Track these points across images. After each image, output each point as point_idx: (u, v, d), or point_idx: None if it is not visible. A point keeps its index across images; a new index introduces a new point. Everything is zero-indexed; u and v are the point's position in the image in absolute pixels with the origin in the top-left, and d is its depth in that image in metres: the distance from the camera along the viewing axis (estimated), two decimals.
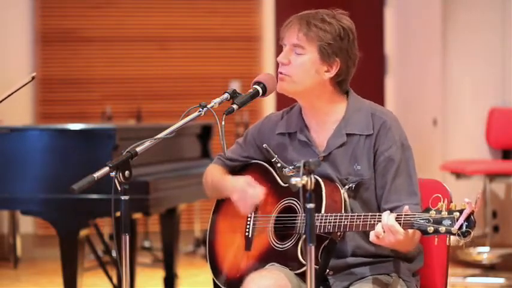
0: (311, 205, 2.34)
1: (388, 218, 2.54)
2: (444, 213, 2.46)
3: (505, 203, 6.59)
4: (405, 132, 2.81)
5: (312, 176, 2.35)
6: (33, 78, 3.28)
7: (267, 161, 2.95)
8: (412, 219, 2.51)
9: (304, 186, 2.35)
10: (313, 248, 2.35)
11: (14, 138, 4.23)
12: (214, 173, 3.03)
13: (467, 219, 2.42)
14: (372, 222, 2.60)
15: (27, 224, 7.00)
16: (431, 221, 2.47)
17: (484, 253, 6.14)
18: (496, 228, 6.50)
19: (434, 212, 2.48)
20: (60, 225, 4.13)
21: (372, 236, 2.58)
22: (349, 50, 2.77)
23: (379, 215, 2.59)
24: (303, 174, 2.34)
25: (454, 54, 6.81)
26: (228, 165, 3.04)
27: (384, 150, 2.76)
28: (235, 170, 3.03)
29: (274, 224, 2.87)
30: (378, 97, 7.26)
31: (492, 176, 6.14)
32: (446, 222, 2.45)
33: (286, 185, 2.86)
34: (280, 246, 2.83)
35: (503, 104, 6.65)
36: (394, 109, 7.27)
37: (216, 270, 2.98)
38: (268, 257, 2.85)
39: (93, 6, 7.32)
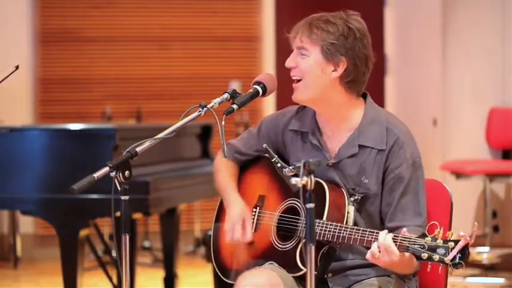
0: (311, 205, 2.34)
1: (385, 237, 2.54)
2: (439, 242, 2.45)
3: (505, 203, 6.58)
4: (418, 148, 2.79)
5: (312, 176, 2.35)
6: (17, 67, 3.27)
7: (278, 156, 2.92)
8: (407, 242, 2.50)
9: (304, 186, 2.35)
10: (313, 248, 2.35)
11: (14, 138, 4.23)
12: (222, 175, 3.00)
13: (462, 251, 2.42)
14: (370, 238, 2.61)
15: (27, 224, 7.00)
16: (426, 247, 2.47)
17: (484, 253, 6.13)
18: (496, 228, 6.49)
19: (430, 239, 2.47)
20: (60, 225, 4.14)
21: (368, 255, 2.58)
22: (356, 48, 2.75)
23: (377, 232, 2.59)
24: (303, 174, 2.34)
25: (454, 54, 6.80)
26: (237, 158, 3.02)
27: (394, 168, 2.74)
28: (245, 162, 3.03)
29: (277, 222, 2.87)
30: (378, 97, 7.25)
31: (492, 176, 6.13)
32: (441, 251, 2.44)
33: None
34: (281, 246, 2.83)
35: (503, 104, 6.65)
36: (394, 109, 7.28)
37: (220, 262, 2.97)
38: (268, 254, 2.85)
39: (93, 6, 7.32)
